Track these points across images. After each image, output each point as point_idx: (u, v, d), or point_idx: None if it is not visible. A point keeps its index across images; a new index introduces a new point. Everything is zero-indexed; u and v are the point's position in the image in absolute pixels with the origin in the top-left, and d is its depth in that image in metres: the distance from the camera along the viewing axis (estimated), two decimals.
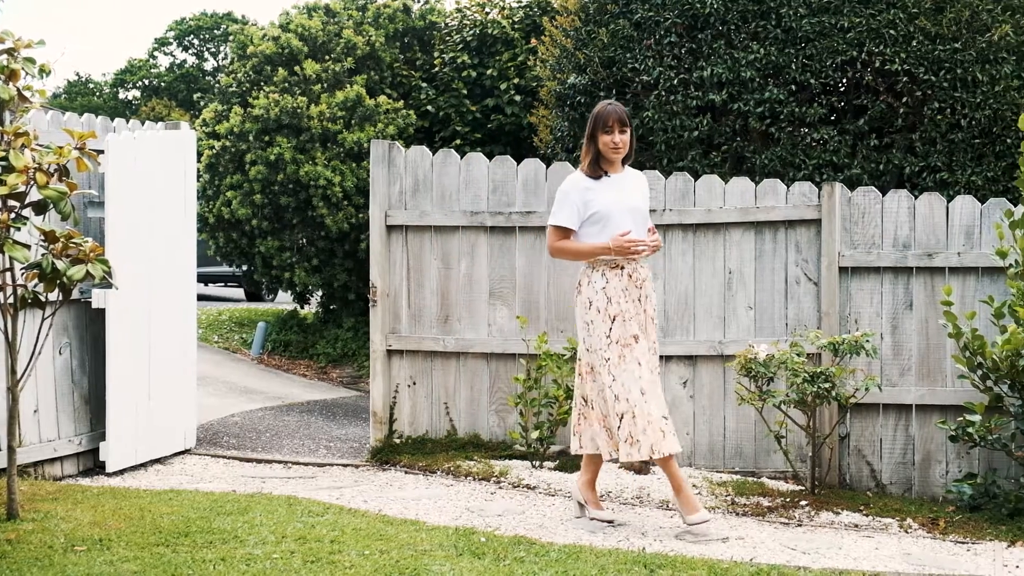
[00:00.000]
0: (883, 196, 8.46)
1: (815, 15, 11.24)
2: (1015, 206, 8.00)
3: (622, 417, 6.83)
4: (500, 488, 8.19)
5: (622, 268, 6.99)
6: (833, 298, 8.43)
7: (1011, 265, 7.51)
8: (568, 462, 8.56)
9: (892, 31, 11.05)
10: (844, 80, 11.42)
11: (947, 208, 8.35)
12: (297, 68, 14.53)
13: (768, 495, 7.98)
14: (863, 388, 7.80)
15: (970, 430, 7.61)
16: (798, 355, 7.83)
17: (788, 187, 8.65)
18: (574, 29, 12.32)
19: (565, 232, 7.10)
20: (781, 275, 8.64)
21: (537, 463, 8.65)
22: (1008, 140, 10.81)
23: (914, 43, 11.03)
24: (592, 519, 7.17)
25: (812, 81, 11.28)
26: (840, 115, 11.67)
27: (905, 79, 11.07)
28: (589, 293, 7.03)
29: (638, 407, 6.78)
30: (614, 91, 11.86)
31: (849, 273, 8.47)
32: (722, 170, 11.46)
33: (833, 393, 7.74)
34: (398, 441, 9.26)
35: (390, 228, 9.32)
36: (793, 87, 11.40)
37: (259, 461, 9.35)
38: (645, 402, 6.79)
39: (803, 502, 7.78)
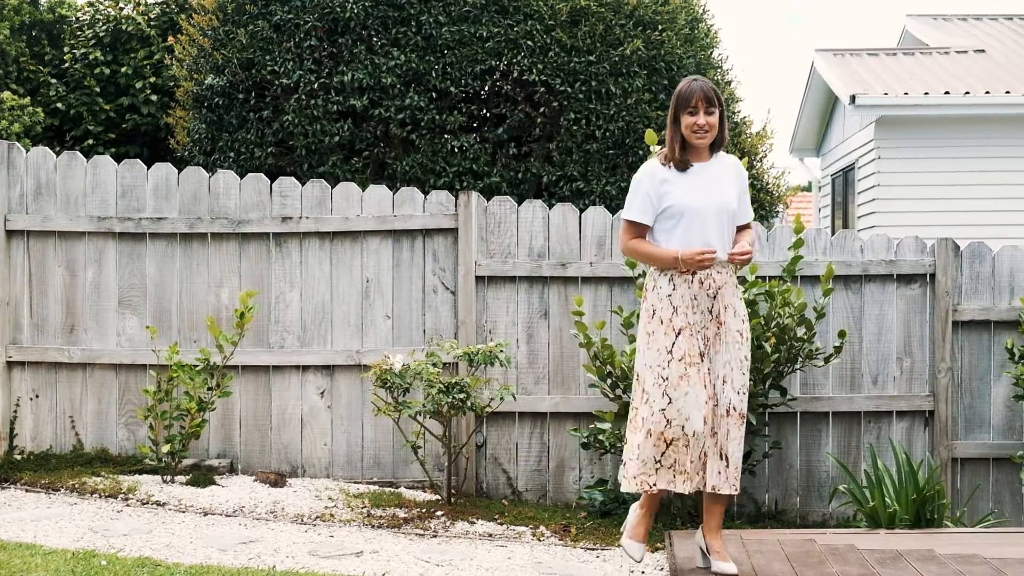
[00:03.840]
0: (519, 206, 8.53)
1: (455, 23, 11.31)
2: None
3: (670, 443, 5.91)
4: (128, 505, 7.83)
5: (693, 273, 5.98)
6: (470, 307, 8.44)
7: (640, 275, 7.68)
8: (200, 476, 8.27)
9: (530, 42, 11.23)
10: (484, 89, 11.54)
11: (580, 218, 8.48)
12: None
13: (405, 506, 7.91)
14: (498, 397, 7.84)
15: (601, 438, 7.74)
16: (434, 365, 7.80)
17: (426, 196, 8.61)
18: (212, 29, 12.01)
19: (638, 228, 6.09)
20: (419, 284, 8.59)
21: (168, 478, 8.32)
22: (640, 151, 11.14)
23: (551, 54, 11.24)
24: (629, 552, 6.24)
25: (452, 89, 11.35)
26: (480, 123, 11.79)
27: (543, 90, 11.27)
28: (653, 300, 6.06)
29: (695, 438, 5.89)
30: (253, 93, 11.63)
31: (486, 282, 8.49)
32: (363, 176, 11.39)
33: (469, 403, 7.74)
34: (19, 458, 8.74)
35: (10, 233, 8.80)
36: (434, 94, 11.44)
37: None
38: (703, 433, 5.89)
39: (439, 512, 7.75)
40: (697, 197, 6.00)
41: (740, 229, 6.21)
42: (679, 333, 5.95)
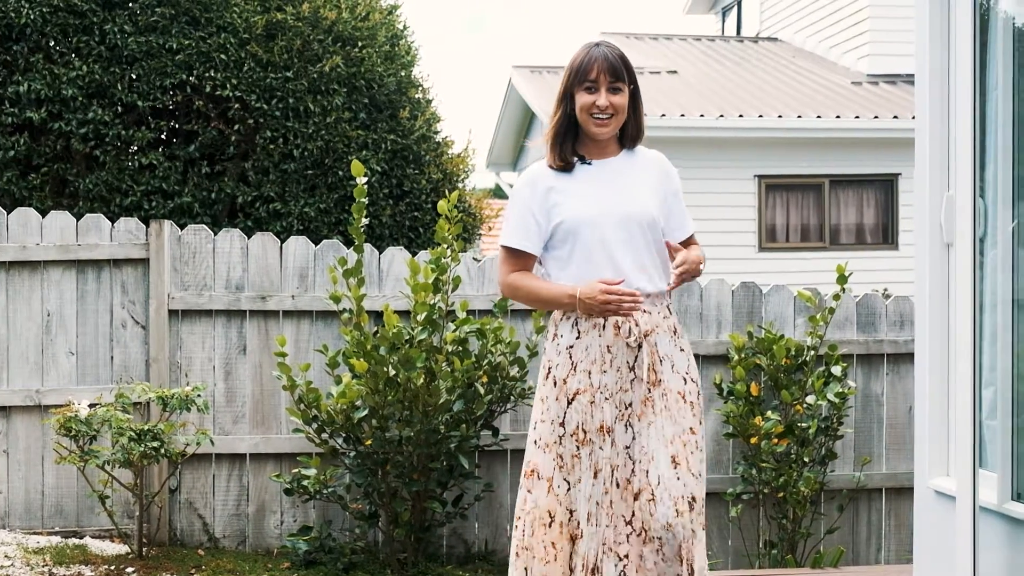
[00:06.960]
0: (215, 235, 8.00)
1: (142, 34, 10.69)
2: (349, 248, 7.79)
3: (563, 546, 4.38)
4: None
5: (605, 316, 4.31)
6: (163, 343, 7.87)
7: (345, 311, 7.30)
8: None
9: (223, 56, 10.72)
10: (174, 104, 10.95)
11: (281, 249, 8.02)
12: None
13: (92, 562, 7.28)
14: (195, 442, 7.31)
15: (305, 483, 7.31)
16: (124, 408, 7.22)
17: (114, 223, 8.00)
18: None
19: (519, 258, 4.46)
20: (107, 318, 7.97)
21: None
22: (340, 172, 10.79)
23: (246, 69, 10.77)
24: None
25: (140, 103, 10.73)
26: (170, 139, 11.20)
27: (237, 106, 10.78)
28: (551, 354, 4.43)
29: (582, 541, 4.32)
30: None
31: (180, 316, 7.93)
32: (43, 193, 10.65)
33: (163, 451, 7.18)
34: None
35: None
36: (120, 108, 10.79)
37: None
38: (582, 536, 4.32)
39: (130, 569, 7.15)
40: (596, 204, 4.37)
41: (685, 245, 4.65)
42: (572, 399, 4.35)
